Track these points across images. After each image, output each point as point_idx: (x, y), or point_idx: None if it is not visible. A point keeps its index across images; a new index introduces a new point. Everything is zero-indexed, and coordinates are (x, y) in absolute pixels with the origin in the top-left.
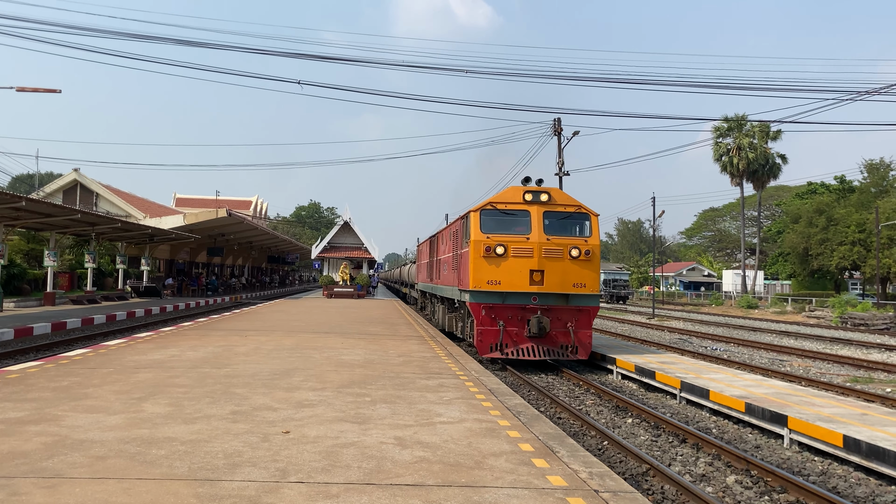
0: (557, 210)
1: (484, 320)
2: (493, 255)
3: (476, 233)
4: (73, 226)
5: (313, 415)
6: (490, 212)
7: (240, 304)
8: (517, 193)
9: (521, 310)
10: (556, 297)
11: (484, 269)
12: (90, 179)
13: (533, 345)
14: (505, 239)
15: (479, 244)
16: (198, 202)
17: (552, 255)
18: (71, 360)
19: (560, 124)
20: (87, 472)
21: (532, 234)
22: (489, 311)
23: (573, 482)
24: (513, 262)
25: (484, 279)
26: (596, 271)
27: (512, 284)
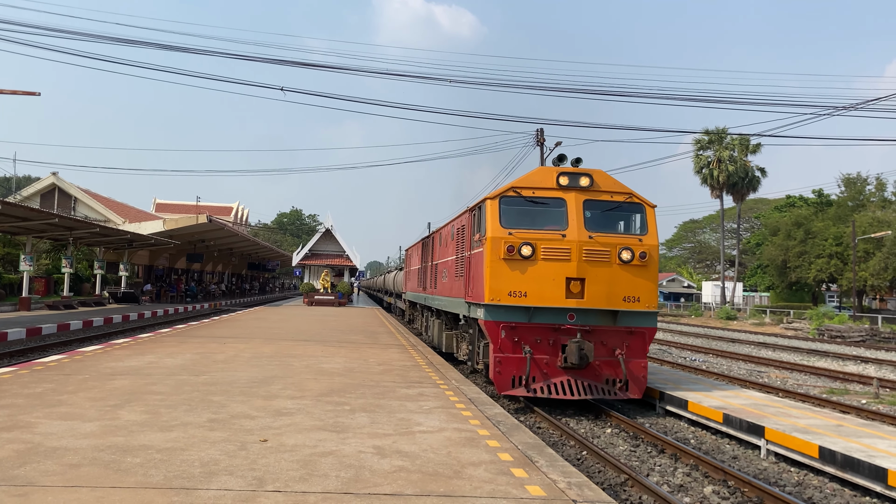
0: (602, 199)
1: (504, 345)
2: (518, 257)
3: (494, 227)
4: (50, 230)
5: (292, 423)
6: (513, 199)
7: (219, 310)
8: (548, 176)
9: (553, 331)
10: (601, 315)
11: (504, 277)
12: (68, 183)
13: (569, 379)
14: (533, 236)
15: (498, 243)
16: (178, 208)
17: (596, 258)
18: (45, 367)
19: (542, 135)
20: (60, 481)
21: (569, 229)
22: (511, 332)
23: (552, 492)
24: (543, 267)
25: (504, 289)
26: (654, 280)
27: (542, 297)
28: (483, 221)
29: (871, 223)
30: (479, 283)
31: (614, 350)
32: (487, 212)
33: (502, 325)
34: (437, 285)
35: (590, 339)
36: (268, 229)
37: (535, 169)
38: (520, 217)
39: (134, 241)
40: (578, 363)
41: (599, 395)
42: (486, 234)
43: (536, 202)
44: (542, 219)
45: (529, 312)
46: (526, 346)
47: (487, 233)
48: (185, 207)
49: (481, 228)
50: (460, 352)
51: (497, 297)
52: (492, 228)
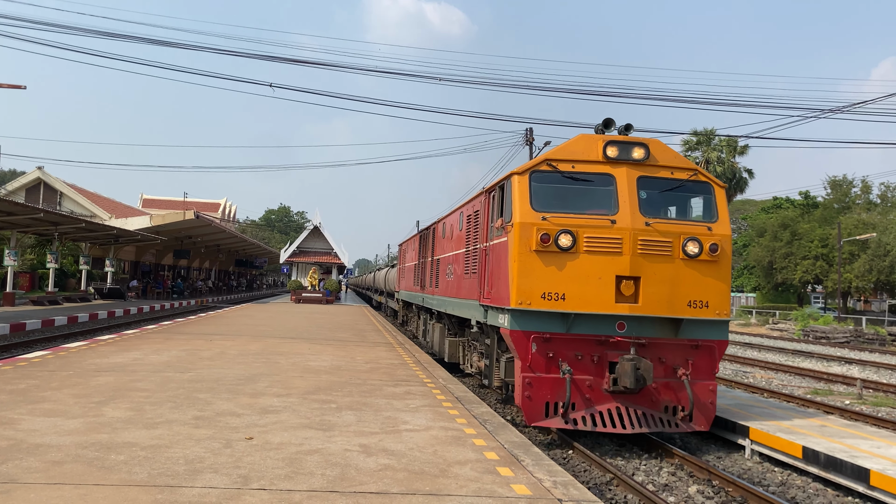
0: (661, 175)
1: (536, 362)
2: (554, 249)
3: (524, 210)
4: (35, 225)
5: (277, 421)
6: (547, 175)
7: (206, 307)
8: (592, 146)
9: (598, 345)
10: (660, 325)
11: (537, 274)
12: (54, 178)
13: (619, 406)
14: (573, 222)
15: (528, 230)
16: (165, 203)
17: (655, 250)
18: (29, 363)
19: (532, 134)
20: (43, 478)
21: (620, 214)
22: (544, 345)
23: (537, 491)
24: (587, 261)
25: (536, 290)
26: (726, 281)
27: (585, 301)
28: (508, 203)
29: (857, 225)
30: (501, 282)
31: (675, 369)
32: (514, 190)
33: (534, 337)
34: (438, 284)
35: (645, 354)
36: (255, 226)
37: (574, 137)
38: (556, 197)
39: (120, 236)
40: (634, 386)
41: (658, 428)
42: (514, 218)
43: (577, 178)
44: (585, 200)
45: (568, 320)
46: (564, 363)
47: (515, 217)
48: (172, 203)
49: (505, 212)
50: (468, 363)
51: (527, 299)
52: (520, 212)
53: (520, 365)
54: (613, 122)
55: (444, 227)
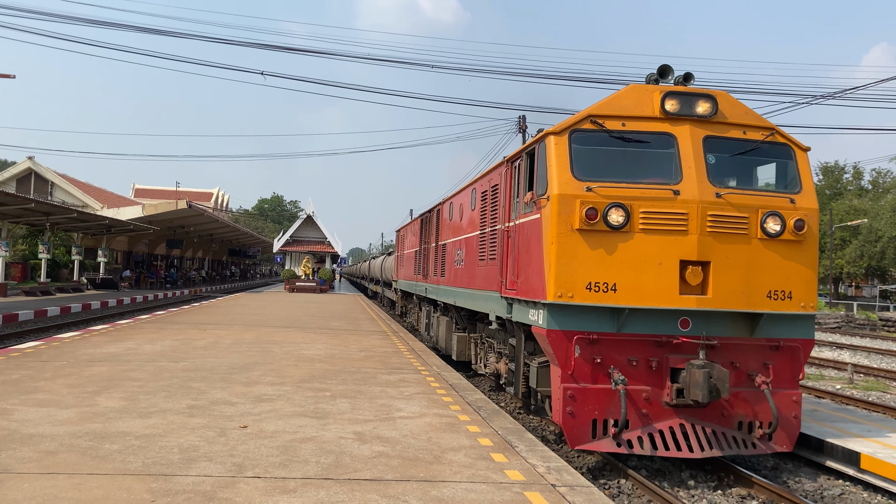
0: (731, 135)
1: (580, 369)
2: (602, 227)
3: (563, 179)
4: (26, 215)
5: (272, 409)
6: (591, 135)
7: (199, 297)
8: (645, 99)
9: (657, 347)
10: (732, 321)
11: (580, 259)
12: (45, 168)
13: (683, 423)
14: (626, 193)
15: (569, 204)
16: (158, 193)
17: (728, 228)
18: (22, 353)
19: (525, 122)
20: (37, 468)
21: (685, 183)
22: (590, 348)
23: (531, 476)
24: (643, 243)
25: (579, 280)
26: (812, 266)
27: (641, 292)
28: (542, 172)
29: (848, 211)
30: (532, 270)
31: (751, 376)
32: (550, 155)
33: (577, 338)
34: (444, 272)
35: (715, 358)
36: (249, 215)
37: (624, 88)
38: (603, 163)
39: (112, 226)
40: (705, 400)
41: (733, 450)
42: (550, 190)
43: (629, 139)
44: (639, 166)
45: (620, 317)
46: (615, 371)
47: (552, 188)
48: (164, 193)
49: (538, 183)
50: (481, 363)
51: (568, 291)
52: (559, 181)
53: (558, 373)
54: (671, 69)
55: (450, 208)
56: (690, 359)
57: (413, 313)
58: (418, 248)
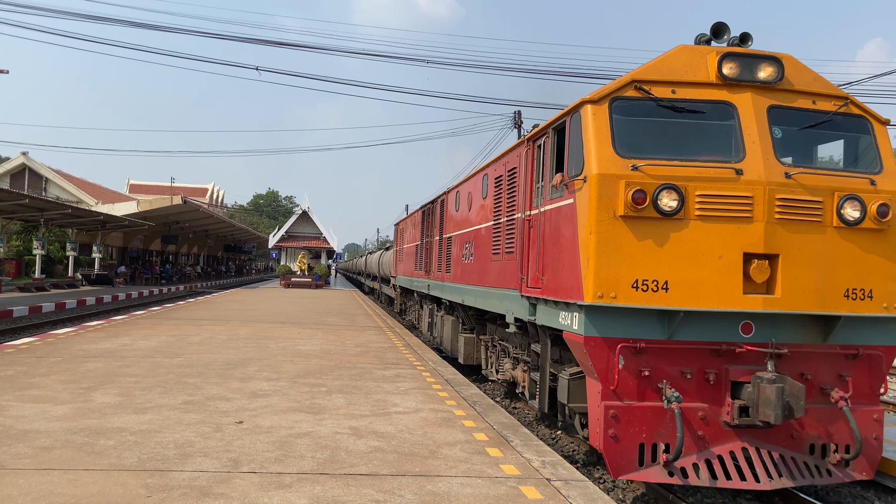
0: (799, 105)
1: (625, 383)
2: (651, 214)
3: (604, 156)
4: (20, 211)
5: (267, 405)
6: (635, 104)
7: (194, 293)
8: (698, 61)
9: (715, 357)
10: (802, 325)
11: (624, 252)
12: (39, 164)
13: (745, 447)
14: (679, 172)
15: (612, 186)
16: (152, 189)
17: (799, 214)
18: (17, 349)
19: (520, 117)
20: (32, 464)
21: (748, 160)
22: (637, 359)
23: (526, 471)
24: (700, 232)
25: (624, 277)
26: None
27: (698, 291)
28: (576, 148)
29: None
30: (563, 265)
31: (824, 390)
32: (587, 127)
33: (621, 347)
34: (450, 268)
35: (783, 368)
36: (244, 211)
37: (672, 49)
38: (650, 137)
39: (107, 222)
40: (778, 421)
41: (806, 479)
42: (588, 168)
43: (681, 109)
44: (693, 140)
45: (673, 321)
46: (667, 386)
47: (590, 166)
48: (159, 188)
49: (571, 162)
50: (492, 368)
51: (610, 290)
52: (598, 158)
53: (598, 389)
54: (726, 27)
55: (456, 198)
56: (754, 370)
57: (413, 311)
58: (419, 241)
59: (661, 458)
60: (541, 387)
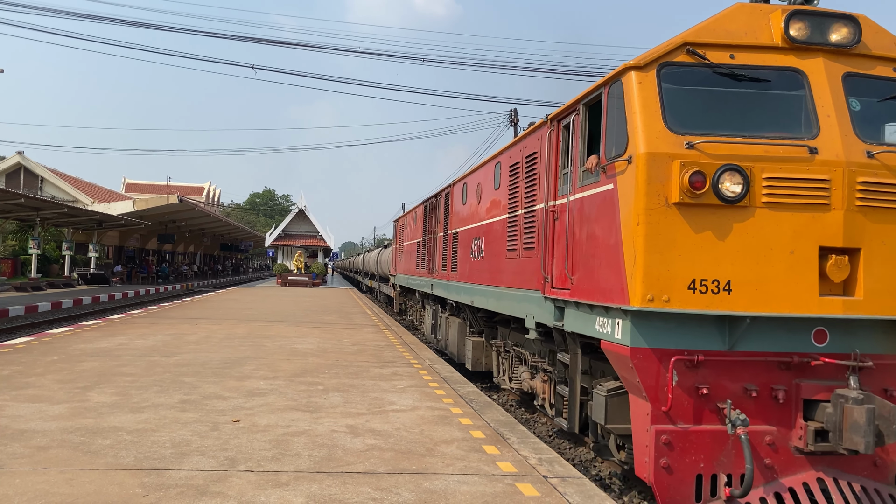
0: (877, 73)
1: (680, 403)
2: (711, 200)
3: (653, 131)
4: (16, 210)
5: (264, 403)
6: (687, 71)
7: (191, 291)
8: (760, 22)
9: (784, 370)
10: (884, 332)
11: (679, 246)
12: (35, 163)
13: (822, 476)
14: (742, 151)
15: (663, 166)
16: (148, 188)
17: (884, 201)
18: (13, 349)
19: (516, 115)
20: (28, 463)
21: (823, 136)
22: (693, 374)
23: (523, 468)
24: (767, 222)
25: (679, 275)
26: None
27: (766, 293)
28: (616, 124)
29: None
30: (600, 263)
31: None
32: (632, 98)
33: (676, 360)
34: (457, 266)
35: (866, 384)
36: (240, 210)
37: (728, 8)
38: (707, 109)
39: (103, 221)
40: (868, 450)
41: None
42: (634, 146)
43: (741, 76)
44: (757, 114)
45: (735, 329)
46: (729, 406)
47: (636, 144)
48: (155, 188)
49: (611, 141)
50: (504, 375)
51: (662, 292)
52: (647, 134)
53: (646, 409)
54: None
55: (463, 190)
56: (831, 386)
57: (414, 311)
58: (421, 238)
59: (722, 492)
60: (570, 403)
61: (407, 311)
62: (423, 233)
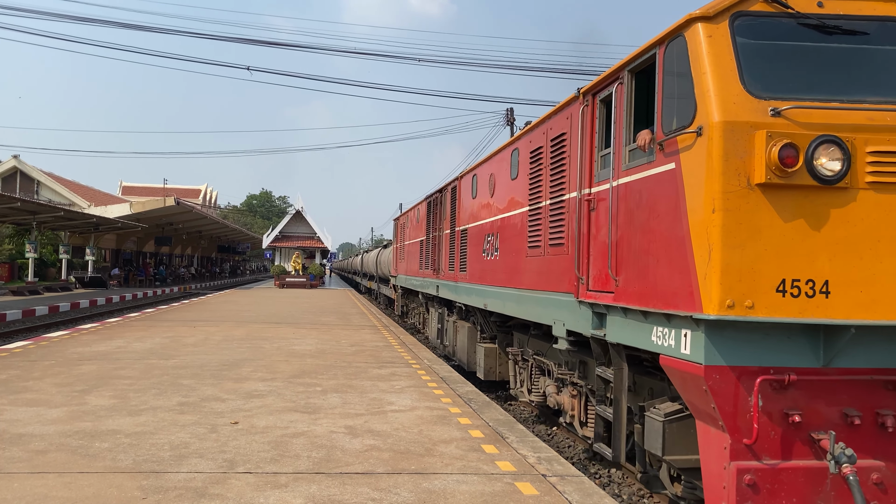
0: None
1: (767, 433)
2: (805, 180)
3: (728, 95)
4: (12, 214)
5: (263, 405)
6: (766, 21)
7: (189, 294)
8: None
9: (893, 391)
10: None
11: (765, 239)
12: (31, 166)
13: None
14: (837, 119)
15: (743, 139)
16: (145, 190)
17: None
18: (10, 353)
19: (513, 114)
20: (27, 467)
21: None
22: (782, 397)
23: (522, 467)
24: (872, 207)
25: (764, 275)
26: None
27: (872, 296)
28: (679, 87)
29: None
30: (657, 259)
31: None
32: (699, 55)
33: (761, 380)
34: (466, 266)
35: None
36: (237, 211)
37: None
38: (792, 68)
39: (100, 224)
40: None
41: None
42: (705, 115)
43: (832, 28)
44: (854, 74)
45: (834, 342)
46: (831, 437)
47: (707, 112)
48: (152, 190)
49: (670, 111)
50: (520, 385)
51: (745, 296)
52: (722, 99)
53: (724, 442)
54: None
55: (473, 183)
56: None
57: (416, 314)
58: (425, 236)
59: None
60: (615, 428)
61: (409, 313)
62: (426, 231)
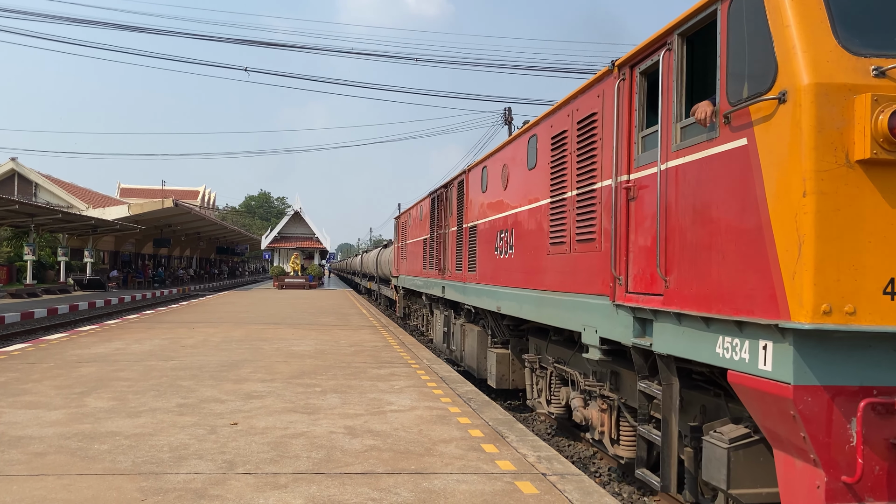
0: None
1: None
2: None
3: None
4: (10, 217)
5: (262, 406)
6: None
7: (188, 295)
8: None
9: None
10: None
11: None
12: (29, 169)
13: None
14: None
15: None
16: (143, 192)
17: None
18: (9, 356)
19: (511, 114)
20: (25, 470)
21: None
22: (884, 424)
23: (522, 466)
24: None
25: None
26: None
27: None
28: (749, 46)
29: None
30: (728, 257)
31: None
32: (783, 3)
33: (866, 404)
34: (475, 266)
35: None
36: (236, 213)
37: None
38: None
39: (98, 226)
40: None
41: None
42: (790, 76)
43: None
44: None
45: None
46: None
47: (793, 72)
48: (150, 192)
49: (737, 75)
50: (538, 395)
51: (844, 300)
52: (811, 56)
53: (818, 479)
54: None
55: (483, 175)
56: None
57: (419, 316)
58: (429, 235)
59: None
60: (664, 453)
61: (411, 315)
62: (430, 229)
